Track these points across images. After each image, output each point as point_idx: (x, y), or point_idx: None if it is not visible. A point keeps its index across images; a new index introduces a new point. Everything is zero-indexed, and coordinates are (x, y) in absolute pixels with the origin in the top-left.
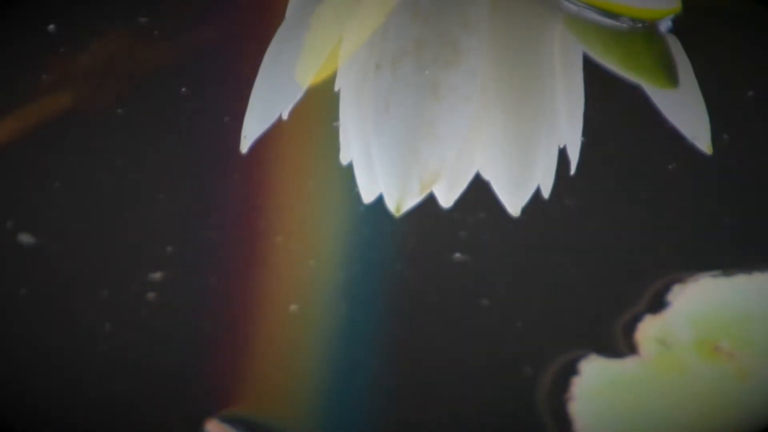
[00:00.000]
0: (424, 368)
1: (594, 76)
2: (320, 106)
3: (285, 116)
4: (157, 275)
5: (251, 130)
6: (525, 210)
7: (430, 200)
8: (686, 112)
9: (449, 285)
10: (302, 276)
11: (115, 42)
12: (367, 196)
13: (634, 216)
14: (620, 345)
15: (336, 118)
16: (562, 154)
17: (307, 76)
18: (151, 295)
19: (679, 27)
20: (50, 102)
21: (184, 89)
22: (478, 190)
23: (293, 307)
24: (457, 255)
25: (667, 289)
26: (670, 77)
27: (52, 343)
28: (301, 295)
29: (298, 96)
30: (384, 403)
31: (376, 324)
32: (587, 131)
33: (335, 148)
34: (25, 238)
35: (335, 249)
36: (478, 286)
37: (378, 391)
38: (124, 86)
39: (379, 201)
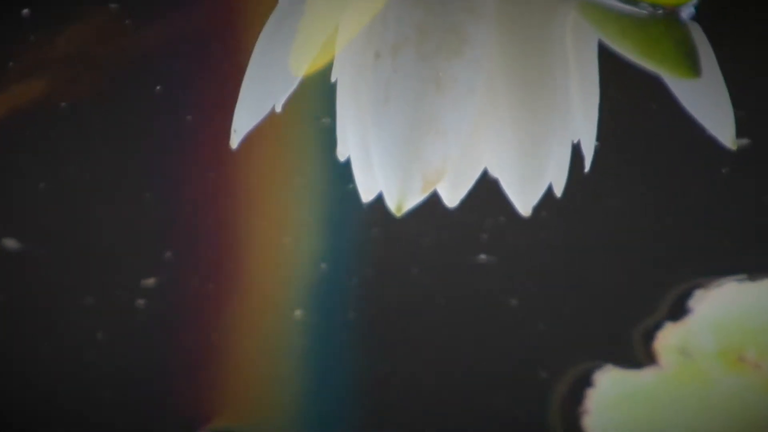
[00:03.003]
0: (430, 374)
1: (610, 65)
2: (316, 97)
3: (278, 108)
4: (149, 281)
5: (242, 124)
6: (537, 210)
7: (436, 200)
8: (709, 104)
9: (457, 288)
10: (304, 281)
11: (90, 29)
12: (366, 195)
13: (653, 217)
14: (638, 354)
15: (330, 111)
16: (576, 150)
17: (301, 66)
18: (141, 302)
19: (702, 13)
20: (25, 92)
21: (173, 81)
22: (488, 188)
23: (297, 313)
24: (470, 258)
25: (688, 294)
26: (692, 66)
27: (34, 351)
28: (304, 300)
29: (292, 87)
30: (388, 408)
31: (381, 329)
32: (603, 125)
33: (332, 143)
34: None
35: (339, 251)
36: (488, 289)
37: (382, 396)
38: (109, 77)
39: (381, 200)
